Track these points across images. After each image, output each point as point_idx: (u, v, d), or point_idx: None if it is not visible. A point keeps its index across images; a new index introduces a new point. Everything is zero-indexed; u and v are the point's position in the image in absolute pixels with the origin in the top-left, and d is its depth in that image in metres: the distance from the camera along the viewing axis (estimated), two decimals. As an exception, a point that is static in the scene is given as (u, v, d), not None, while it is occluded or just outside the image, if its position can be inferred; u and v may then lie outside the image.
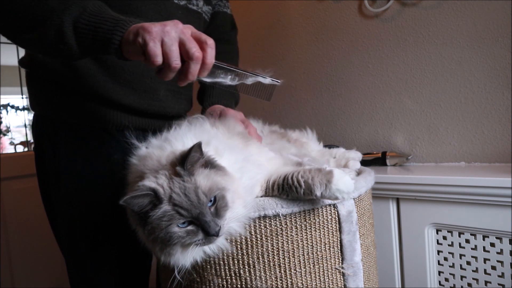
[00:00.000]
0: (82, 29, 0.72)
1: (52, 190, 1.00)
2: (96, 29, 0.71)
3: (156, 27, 0.67)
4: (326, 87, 1.79)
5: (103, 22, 0.71)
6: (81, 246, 0.99)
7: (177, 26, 0.69)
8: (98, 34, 0.71)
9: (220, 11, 1.25)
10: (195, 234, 0.66)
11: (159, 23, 0.68)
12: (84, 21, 0.71)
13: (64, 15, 0.72)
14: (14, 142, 4.83)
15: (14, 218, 2.24)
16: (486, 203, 1.12)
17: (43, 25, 0.73)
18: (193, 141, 0.72)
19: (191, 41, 0.69)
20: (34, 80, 1.02)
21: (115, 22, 0.70)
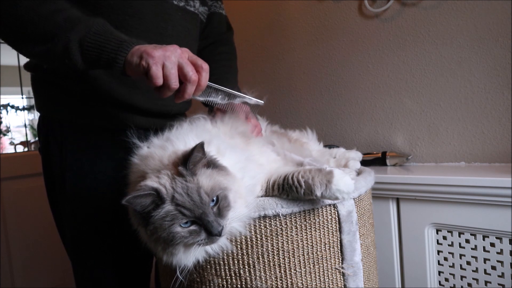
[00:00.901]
0: (88, 47, 0.78)
1: (58, 190, 1.02)
2: (101, 48, 0.77)
3: (158, 52, 0.74)
4: (326, 87, 1.79)
5: (108, 42, 0.77)
6: (86, 244, 1.01)
7: (176, 51, 0.76)
8: (103, 53, 0.77)
9: (216, 12, 1.26)
10: (197, 234, 0.66)
11: (160, 48, 0.75)
12: (90, 40, 0.77)
13: (71, 34, 0.77)
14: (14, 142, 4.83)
15: (14, 218, 2.24)
16: (486, 203, 1.12)
17: (51, 41, 0.79)
18: (195, 141, 0.72)
19: (189, 65, 0.76)
20: (40, 83, 1.03)
21: (119, 44, 0.77)
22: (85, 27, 0.78)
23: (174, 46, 0.77)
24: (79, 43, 0.78)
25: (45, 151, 1.03)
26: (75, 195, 0.98)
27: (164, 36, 1.01)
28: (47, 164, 1.04)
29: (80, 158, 0.99)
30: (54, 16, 0.79)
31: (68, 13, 0.81)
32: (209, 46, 1.25)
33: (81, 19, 0.80)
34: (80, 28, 0.78)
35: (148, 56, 0.74)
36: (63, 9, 0.81)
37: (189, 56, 0.78)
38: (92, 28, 0.78)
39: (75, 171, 0.98)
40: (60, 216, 1.05)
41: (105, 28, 0.79)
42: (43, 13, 0.80)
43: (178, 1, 1.04)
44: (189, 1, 1.08)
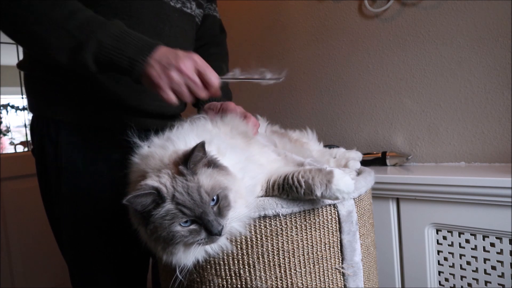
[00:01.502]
0: (103, 63, 0.82)
1: (53, 191, 1.01)
2: (116, 64, 0.81)
3: (162, 80, 0.79)
4: (326, 87, 1.79)
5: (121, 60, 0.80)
6: (83, 245, 1.00)
7: (181, 71, 0.79)
8: (119, 69, 0.82)
9: (210, 14, 1.27)
10: (197, 233, 0.66)
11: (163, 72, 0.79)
12: (103, 57, 0.81)
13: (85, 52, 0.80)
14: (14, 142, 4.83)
15: (14, 218, 2.24)
16: (486, 203, 1.12)
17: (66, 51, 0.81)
18: (196, 140, 0.72)
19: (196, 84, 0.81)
20: (34, 82, 1.02)
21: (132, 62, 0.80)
22: (96, 43, 0.79)
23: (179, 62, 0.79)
24: (94, 60, 0.81)
25: (40, 152, 1.02)
26: (71, 196, 0.98)
27: (162, 37, 1.02)
28: (41, 165, 1.03)
29: (76, 158, 0.98)
30: (66, 23, 0.80)
31: (80, 17, 0.81)
32: (201, 47, 1.26)
33: (93, 26, 0.81)
34: (92, 45, 0.79)
35: (155, 87, 0.80)
36: (75, 12, 0.82)
37: (197, 67, 0.81)
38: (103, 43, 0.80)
39: (71, 172, 0.98)
40: (55, 217, 1.04)
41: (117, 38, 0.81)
42: (55, 18, 0.80)
43: (175, 3, 1.05)
44: (186, 3, 1.09)
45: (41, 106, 1.01)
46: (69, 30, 0.80)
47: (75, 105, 0.98)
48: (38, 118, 1.03)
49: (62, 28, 0.80)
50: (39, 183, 1.06)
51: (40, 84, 1.00)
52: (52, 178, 1.00)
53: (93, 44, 0.80)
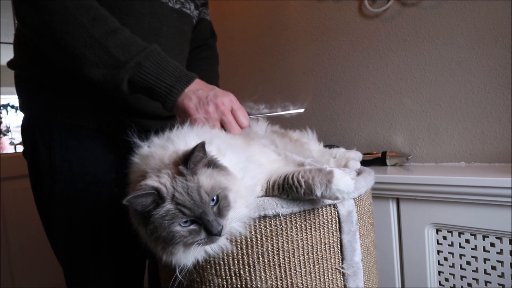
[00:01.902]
0: (138, 86, 0.83)
1: (46, 193, 0.99)
2: (151, 90, 0.82)
3: (199, 114, 0.81)
4: (326, 87, 1.79)
5: (158, 86, 0.82)
6: (78, 247, 0.98)
7: (219, 108, 0.82)
8: (153, 95, 0.83)
9: (203, 18, 1.28)
10: (197, 234, 0.66)
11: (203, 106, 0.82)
12: (140, 80, 0.82)
13: (122, 72, 0.81)
14: (14, 142, 4.83)
15: (14, 218, 2.24)
16: (486, 203, 1.12)
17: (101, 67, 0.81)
18: (196, 140, 0.72)
19: (231, 122, 0.84)
20: (26, 82, 1.00)
21: (168, 91, 0.82)
22: (136, 65, 0.80)
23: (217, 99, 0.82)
24: (129, 81, 0.82)
25: (32, 153, 1.00)
26: (65, 198, 0.96)
27: (159, 37, 1.01)
28: (34, 167, 1.00)
29: (70, 160, 0.96)
30: (107, 41, 0.80)
31: (120, 36, 0.82)
32: (193, 50, 1.26)
33: (133, 47, 0.82)
34: (131, 66, 0.80)
35: (192, 120, 0.82)
36: (114, 31, 0.82)
37: (233, 109, 0.85)
38: (143, 66, 0.81)
39: (65, 174, 0.96)
40: (49, 219, 1.02)
41: (157, 63, 0.82)
42: (96, 35, 0.80)
43: (174, 3, 1.05)
44: (185, 4, 1.09)
45: (34, 106, 0.99)
46: (108, 48, 0.80)
47: (69, 105, 0.96)
48: (30, 118, 1.01)
49: (101, 45, 0.80)
50: (31, 185, 1.03)
51: (32, 84, 0.98)
52: (45, 180, 0.98)
53: (132, 65, 0.80)
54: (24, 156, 1.05)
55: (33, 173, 1.02)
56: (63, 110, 0.96)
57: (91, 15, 0.81)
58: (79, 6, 0.80)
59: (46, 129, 0.97)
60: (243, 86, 2.10)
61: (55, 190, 0.96)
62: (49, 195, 0.98)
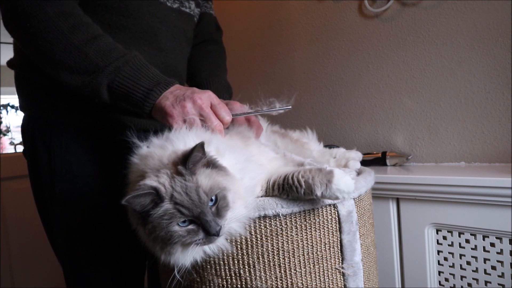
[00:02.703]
0: (116, 92, 0.81)
1: (46, 193, 0.99)
2: (128, 95, 0.81)
3: (176, 110, 0.79)
4: (326, 87, 1.79)
5: (135, 90, 0.81)
6: (78, 248, 0.98)
7: (196, 103, 0.79)
8: (130, 99, 0.81)
9: (206, 12, 1.27)
10: (195, 234, 0.66)
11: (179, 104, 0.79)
12: (118, 84, 0.81)
13: (100, 77, 0.80)
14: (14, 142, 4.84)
15: (14, 218, 2.24)
16: (486, 203, 1.12)
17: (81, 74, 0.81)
18: (195, 141, 0.72)
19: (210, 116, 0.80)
20: (26, 82, 1.00)
21: (146, 93, 0.80)
22: (114, 69, 0.80)
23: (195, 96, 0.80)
24: (108, 87, 0.81)
25: (32, 154, 0.99)
26: (65, 198, 0.96)
27: (159, 37, 1.01)
28: (33, 167, 1.00)
29: (69, 160, 0.96)
30: (86, 48, 0.80)
31: (100, 43, 0.81)
32: (198, 45, 1.26)
33: (113, 54, 0.81)
34: (110, 70, 0.80)
35: (167, 116, 0.79)
36: (95, 38, 0.82)
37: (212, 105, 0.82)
38: (121, 71, 0.80)
39: (65, 174, 0.95)
40: (48, 220, 1.02)
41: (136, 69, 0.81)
42: (75, 42, 0.80)
43: (172, 3, 1.04)
44: (184, 3, 1.09)
45: (33, 105, 0.99)
46: (88, 54, 0.80)
47: (68, 106, 0.95)
48: (29, 118, 1.00)
49: (81, 52, 0.80)
50: (31, 185, 1.03)
51: (32, 84, 0.98)
52: (45, 180, 0.98)
53: (110, 70, 0.80)
54: (25, 156, 1.05)
55: (33, 173, 1.01)
56: (63, 110, 0.96)
57: (71, 22, 0.81)
58: (59, 13, 0.80)
59: (46, 129, 0.96)
60: (243, 86, 2.10)
61: (54, 190, 0.96)
62: (48, 196, 0.98)
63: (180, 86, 0.83)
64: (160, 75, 0.83)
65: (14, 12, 0.81)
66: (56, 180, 0.96)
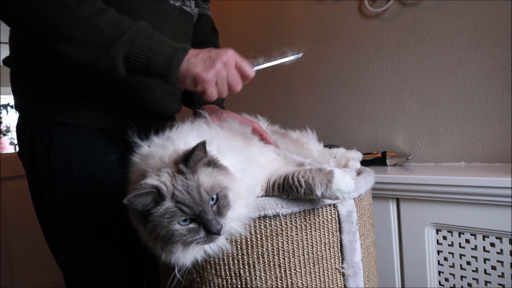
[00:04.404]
0: (134, 63, 0.79)
1: (46, 194, 0.97)
2: (148, 64, 0.79)
3: (210, 74, 0.79)
4: (326, 87, 1.79)
5: (156, 58, 0.78)
6: (78, 250, 0.97)
7: (226, 64, 0.81)
8: (151, 69, 0.79)
9: (204, 13, 1.27)
10: (196, 232, 0.66)
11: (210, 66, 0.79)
12: (136, 54, 0.78)
13: (116, 47, 0.77)
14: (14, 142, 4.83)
15: (14, 218, 2.24)
16: (486, 203, 1.12)
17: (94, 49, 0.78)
18: (196, 140, 0.72)
19: (237, 78, 0.84)
20: (23, 79, 0.97)
21: (168, 60, 0.78)
22: (129, 38, 0.77)
23: (223, 58, 0.80)
24: (125, 58, 0.78)
25: (30, 154, 0.97)
26: (65, 199, 0.94)
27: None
28: (32, 167, 0.98)
29: (70, 161, 0.94)
30: (96, 20, 0.77)
31: (109, 15, 0.79)
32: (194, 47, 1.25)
33: (123, 24, 0.79)
34: (125, 40, 0.77)
35: (203, 82, 0.79)
36: (102, 10, 0.79)
37: (236, 63, 0.83)
38: (136, 40, 0.78)
39: (65, 175, 0.93)
40: (48, 221, 1.01)
41: (149, 37, 0.79)
42: (84, 15, 0.76)
43: (175, 1, 1.04)
44: (185, 1, 1.09)
45: (31, 104, 0.96)
46: (99, 26, 0.77)
47: (67, 104, 0.94)
48: (27, 118, 0.98)
49: (91, 24, 0.76)
50: (29, 186, 1.01)
51: (29, 81, 0.95)
52: (44, 181, 0.96)
53: (125, 40, 0.77)
54: (20, 157, 1.03)
55: (31, 174, 0.99)
56: (62, 109, 0.94)
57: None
58: None
59: (45, 129, 0.94)
60: (243, 86, 2.10)
61: (54, 191, 0.95)
62: (48, 197, 0.97)
63: (196, 50, 0.83)
64: (172, 41, 0.82)
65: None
66: (56, 181, 0.94)
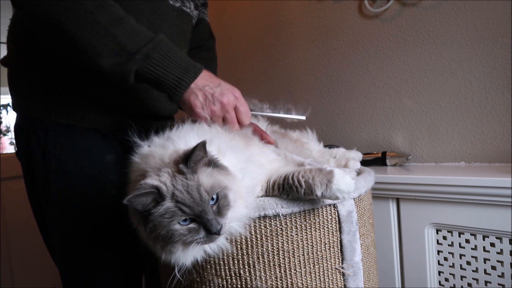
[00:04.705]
0: (145, 77, 0.81)
1: (42, 195, 0.97)
2: (158, 81, 0.81)
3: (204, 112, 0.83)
4: (326, 87, 1.79)
5: (167, 77, 0.81)
6: (75, 250, 0.97)
7: (224, 108, 0.84)
8: (160, 86, 0.82)
9: (202, 18, 1.27)
10: (196, 232, 0.66)
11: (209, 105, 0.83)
12: (147, 71, 0.80)
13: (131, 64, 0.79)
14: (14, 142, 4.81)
15: (14, 218, 2.24)
16: (486, 203, 1.12)
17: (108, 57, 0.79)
18: (196, 140, 0.72)
19: (232, 120, 0.86)
20: (20, 79, 0.97)
21: (177, 82, 0.81)
22: (144, 57, 0.79)
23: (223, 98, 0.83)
24: (136, 72, 0.80)
25: (27, 154, 0.97)
26: (61, 200, 0.94)
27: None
28: (28, 168, 0.98)
29: (66, 161, 0.94)
30: (114, 29, 0.77)
31: (127, 25, 0.79)
32: (190, 51, 1.25)
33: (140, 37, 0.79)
34: (139, 58, 0.78)
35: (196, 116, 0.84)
36: (121, 19, 0.79)
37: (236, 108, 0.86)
38: (151, 58, 0.79)
39: (61, 176, 0.93)
40: (45, 222, 1.00)
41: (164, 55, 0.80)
42: (102, 22, 0.77)
43: (174, 2, 1.05)
44: (185, 2, 1.09)
45: (27, 105, 0.96)
46: (116, 36, 0.77)
47: (64, 104, 0.94)
48: (24, 118, 0.98)
49: (108, 33, 0.77)
50: (26, 187, 1.01)
51: (26, 82, 0.95)
52: (40, 181, 0.95)
53: (141, 57, 0.78)
54: (18, 157, 1.02)
55: (28, 175, 0.99)
56: (58, 109, 0.94)
57: (98, 1, 0.78)
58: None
59: (41, 129, 0.94)
60: (243, 86, 2.10)
61: (50, 192, 0.94)
62: (44, 198, 0.96)
63: (207, 75, 0.85)
64: (188, 60, 0.83)
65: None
66: (52, 182, 0.94)
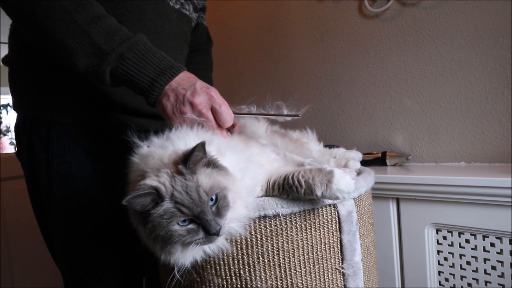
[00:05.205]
0: (120, 78, 0.79)
1: (44, 195, 0.97)
2: (133, 82, 0.79)
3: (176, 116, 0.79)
4: (326, 87, 1.79)
5: (141, 79, 0.78)
6: (76, 250, 0.97)
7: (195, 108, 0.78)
8: (135, 87, 0.80)
9: (201, 22, 1.28)
10: (195, 233, 0.66)
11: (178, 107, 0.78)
12: (122, 72, 0.78)
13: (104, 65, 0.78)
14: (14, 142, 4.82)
15: (14, 218, 2.24)
16: (486, 203, 1.12)
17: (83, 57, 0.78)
18: (196, 140, 0.72)
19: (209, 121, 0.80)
20: (21, 79, 0.97)
21: (151, 83, 0.78)
22: (117, 57, 0.77)
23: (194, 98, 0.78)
24: (111, 73, 0.79)
25: (28, 154, 0.97)
26: (63, 199, 0.94)
27: (161, 36, 1.01)
28: (30, 168, 0.98)
29: (68, 161, 0.93)
30: (90, 28, 0.77)
31: (104, 24, 0.79)
32: (188, 54, 1.24)
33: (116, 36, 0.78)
34: (113, 59, 0.77)
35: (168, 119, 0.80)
36: (98, 18, 0.79)
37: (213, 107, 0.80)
38: (125, 58, 0.77)
39: (63, 175, 0.93)
40: (47, 224, 1.00)
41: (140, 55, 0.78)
42: (79, 21, 0.76)
43: (174, 3, 1.05)
44: (184, 5, 1.09)
45: (29, 104, 0.96)
46: (91, 35, 0.77)
47: (65, 104, 0.94)
48: (25, 118, 0.98)
49: (84, 32, 0.76)
50: (28, 187, 1.01)
51: (27, 81, 0.95)
52: (42, 181, 0.95)
53: (114, 58, 0.77)
54: (18, 157, 1.02)
55: (30, 175, 0.99)
56: (60, 109, 0.94)
57: (76, 0, 0.77)
58: None
59: (43, 129, 0.94)
60: (243, 86, 2.10)
61: (53, 192, 0.94)
62: (46, 198, 0.96)
63: (185, 76, 0.81)
64: (166, 60, 0.80)
65: None
66: (55, 181, 0.94)
